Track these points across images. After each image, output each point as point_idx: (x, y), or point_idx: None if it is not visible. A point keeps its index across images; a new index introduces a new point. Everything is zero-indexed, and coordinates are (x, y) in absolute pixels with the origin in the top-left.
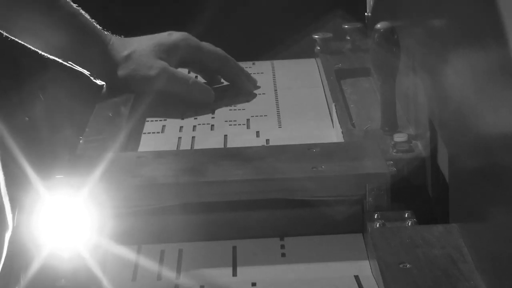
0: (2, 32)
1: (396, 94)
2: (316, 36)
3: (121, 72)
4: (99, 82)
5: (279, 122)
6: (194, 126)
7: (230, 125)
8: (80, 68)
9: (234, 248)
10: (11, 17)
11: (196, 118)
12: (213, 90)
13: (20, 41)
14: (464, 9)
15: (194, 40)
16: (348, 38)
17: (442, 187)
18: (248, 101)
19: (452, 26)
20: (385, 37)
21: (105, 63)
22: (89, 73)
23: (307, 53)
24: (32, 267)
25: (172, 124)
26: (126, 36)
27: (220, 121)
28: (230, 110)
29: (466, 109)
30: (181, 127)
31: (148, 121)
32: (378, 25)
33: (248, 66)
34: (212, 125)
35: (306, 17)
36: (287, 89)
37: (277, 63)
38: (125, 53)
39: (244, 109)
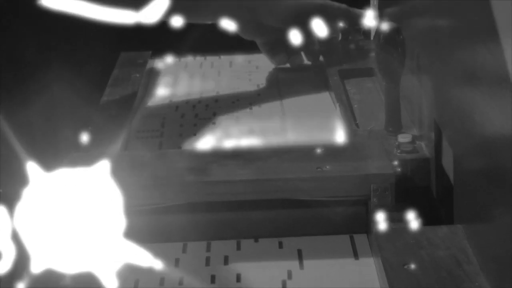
0: None
1: (400, 94)
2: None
3: None
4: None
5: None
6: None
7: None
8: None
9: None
10: None
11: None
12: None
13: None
14: (469, 9)
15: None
16: (351, 37)
17: (447, 187)
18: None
19: (457, 27)
20: (391, 37)
21: None
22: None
23: None
24: (35, 266)
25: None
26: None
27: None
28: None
29: (471, 109)
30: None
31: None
32: (384, 25)
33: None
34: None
35: None
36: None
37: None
38: None
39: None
